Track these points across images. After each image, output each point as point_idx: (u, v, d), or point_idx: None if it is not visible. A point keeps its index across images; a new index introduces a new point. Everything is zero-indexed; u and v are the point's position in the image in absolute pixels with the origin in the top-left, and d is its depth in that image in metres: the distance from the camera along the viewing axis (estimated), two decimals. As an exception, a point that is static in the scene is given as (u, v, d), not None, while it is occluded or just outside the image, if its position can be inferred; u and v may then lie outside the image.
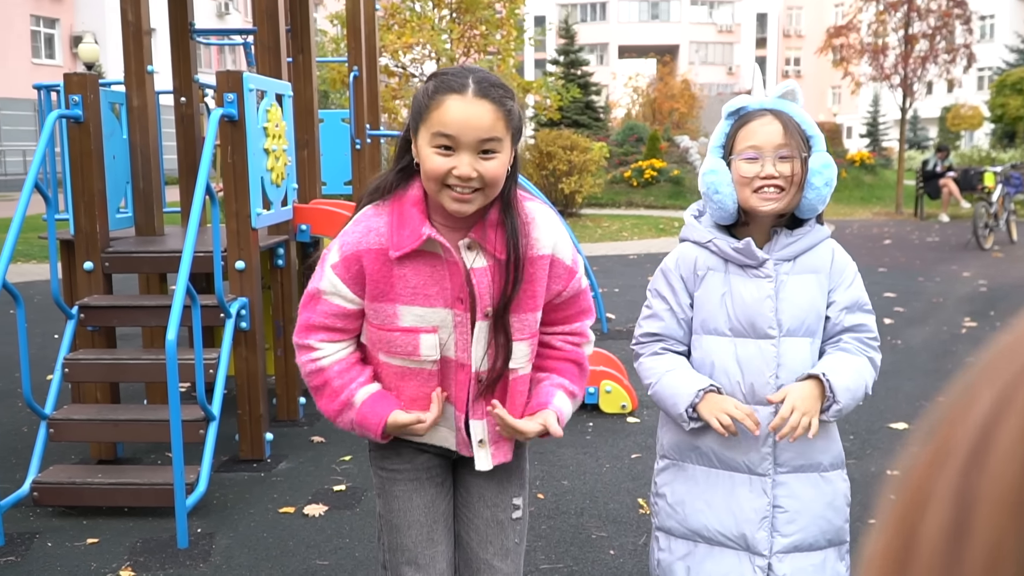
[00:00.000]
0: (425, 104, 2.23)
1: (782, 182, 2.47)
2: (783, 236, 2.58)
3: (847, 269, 2.65)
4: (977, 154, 31.12)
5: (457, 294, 2.32)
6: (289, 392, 6.26)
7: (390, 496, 2.51)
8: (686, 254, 2.66)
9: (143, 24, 5.98)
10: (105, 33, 39.48)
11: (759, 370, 2.55)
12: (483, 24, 22.29)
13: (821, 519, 2.60)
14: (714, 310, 2.59)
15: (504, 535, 2.56)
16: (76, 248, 5.52)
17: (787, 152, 2.48)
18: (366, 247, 2.30)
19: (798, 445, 2.56)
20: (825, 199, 2.55)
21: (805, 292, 2.57)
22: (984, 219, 15.94)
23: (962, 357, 7.94)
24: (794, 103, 2.59)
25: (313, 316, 2.38)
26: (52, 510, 4.82)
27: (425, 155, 2.22)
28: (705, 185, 2.57)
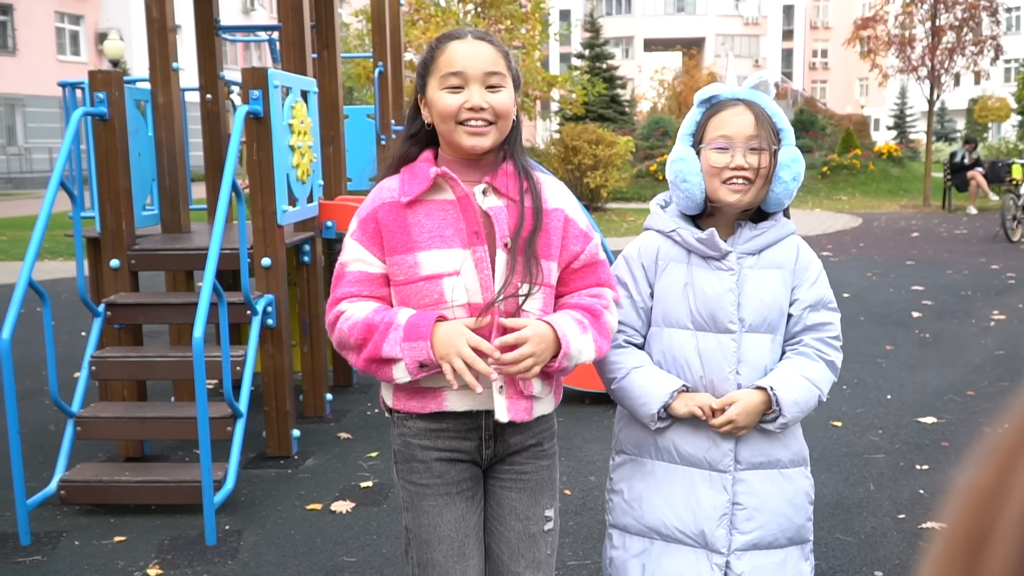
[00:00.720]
0: (430, 57, 2.35)
1: (750, 174, 2.45)
2: (747, 229, 2.54)
3: (812, 266, 2.61)
4: (1004, 146, 30.88)
5: (473, 228, 2.33)
6: (316, 389, 6.25)
7: (419, 511, 2.45)
8: (648, 243, 2.63)
9: (168, 21, 5.98)
10: (130, 30, 39.65)
11: (719, 365, 2.51)
12: (508, 19, 22.28)
13: (781, 516, 2.56)
14: (675, 302, 2.56)
15: (536, 548, 2.52)
16: (102, 245, 5.53)
17: (757, 144, 2.45)
18: (379, 202, 2.37)
19: (759, 442, 2.53)
20: (792, 193, 2.53)
21: (768, 287, 2.53)
22: (1012, 211, 15.81)
23: (991, 351, 7.87)
24: (766, 95, 2.56)
25: (340, 289, 2.40)
26: (79, 508, 4.82)
27: (437, 98, 2.32)
28: (673, 173, 2.55)
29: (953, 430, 5.84)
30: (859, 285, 11.24)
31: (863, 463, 5.28)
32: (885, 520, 4.52)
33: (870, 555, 4.16)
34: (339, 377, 7.10)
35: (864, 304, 10.06)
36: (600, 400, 6.50)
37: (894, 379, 7.02)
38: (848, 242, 16.07)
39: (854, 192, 26.35)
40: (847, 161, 27.65)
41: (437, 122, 2.35)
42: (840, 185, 26.73)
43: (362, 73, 21.33)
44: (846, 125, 32.76)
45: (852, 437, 5.72)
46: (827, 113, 37.63)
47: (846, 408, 6.30)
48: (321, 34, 6.63)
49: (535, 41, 23.23)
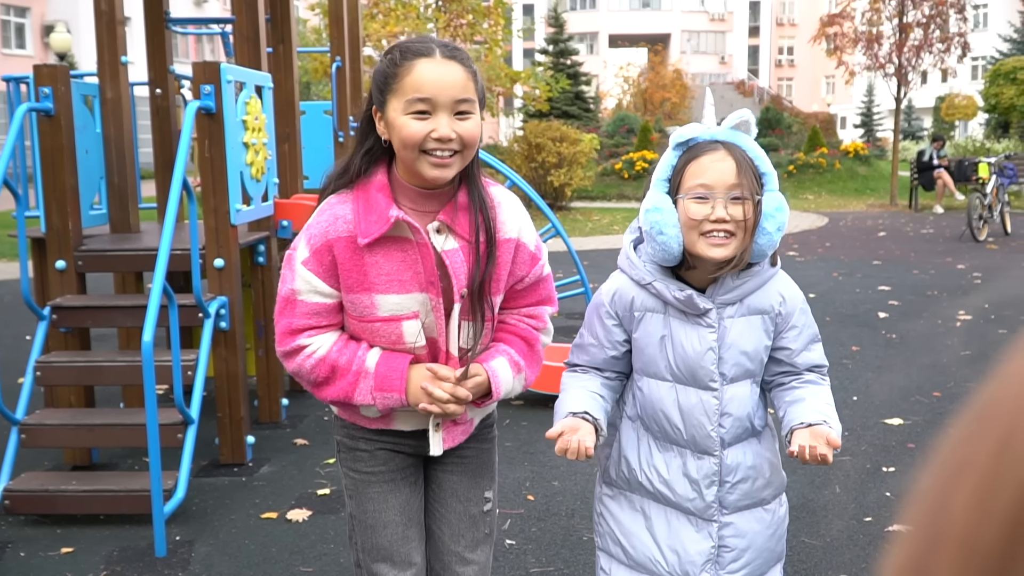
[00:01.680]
0: (393, 73, 2.23)
1: (732, 226, 2.28)
2: (729, 280, 2.40)
3: (796, 309, 2.50)
4: (971, 144, 31.12)
5: (429, 278, 2.29)
6: (271, 393, 6.16)
7: (364, 498, 2.51)
8: (623, 291, 2.49)
9: (117, 13, 5.88)
10: (78, 22, 39.02)
11: (700, 422, 2.43)
12: (470, 13, 22.21)
13: (766, 551, 2.53)
14: (654, 354, 2.45)
15: (476, 528, 2.60)
16: (48, 246, 5.43)
17: (739, 193, 2.29)
18: (335, 235, 2.27)
19: (744, 486, 2.48)
20: (776, 244, 2.38)
21: (749, 337, 2.44)
22: (978, 211, 15.91)
23: (957, 351, 7.87)
24: (747, 135, 2.39)
25: (294, 320, 2.33)
26: (25, 519, 4.74)
27: (400, 124, 2.21)
28: (648, 224, 2.35)
29: (920, 432, 5.81)
30: (825, 285, 11.24)
31: (829, 466, 5.21)
32: (851, 523, 4.52)
33: (836, 558, 4.15)
34: (295, 382, 6.93)
35: (830, 304, 10.05)
36: (564, 403, 6.40)
37: (860, 380, 6.99)
38: (814, 242, 16.12)
39: (820, 191, 26.48)
40: (813, 160, 27.78)
41: (398, 147, 2.25)
42: (806, 184, 26.84)
43: (319, 68, 21.26)
44: (812, 123, 32.95)
45: (819, 440, 5.65)
46: (793, 111, 37.88)
47: (813, 410, 6.24)
48: (276, 28, 6.54)
49: (498, 37, 23.16)
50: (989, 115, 33.85)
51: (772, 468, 2.54)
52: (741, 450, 2.48)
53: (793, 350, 2.48)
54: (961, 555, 0.38)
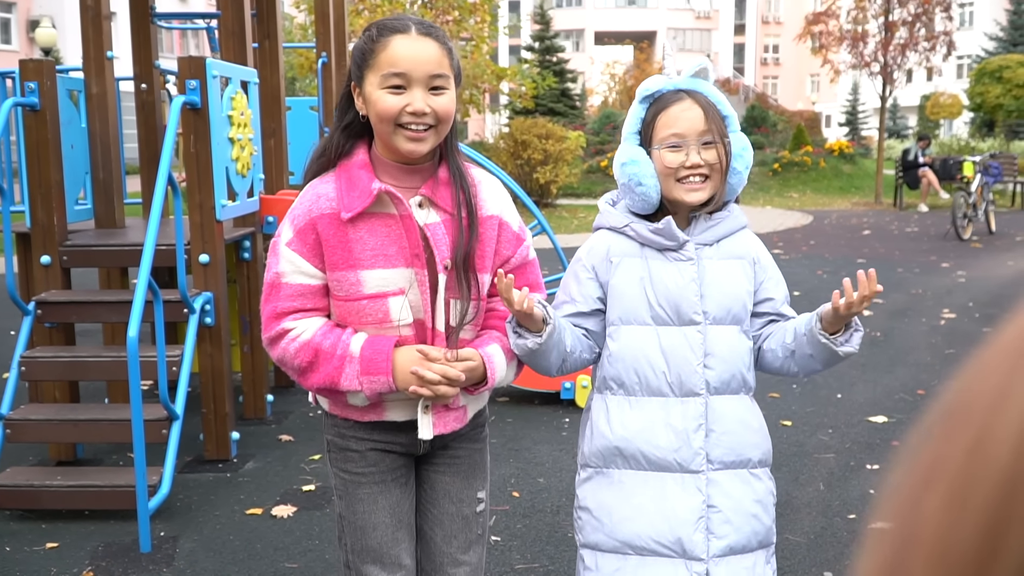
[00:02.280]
0: (370, 49, 2.27)
1: (707, 170, 2.40)
2: (703, 220, 2.48)
3: (769, 260, 2.60)
4: (956, 143, 31.20)
5: (414, 251, 2.30)
6: (256, 389, 6.15)
7: (354, 499, 2.48)
8: (598, 243, 2.56)
9: (102, 8, 5.87)
10: (63, 17, 38.70)
11: (685, 359, 2.43)
12: (456, 9, 22.15)
13: (753, 518, 2.47)
14: (633, 298, 2.46)
15: (469, 529, 2.59)
16: (32, 241, 5.41)
17: (710, 138, 2.40)
18: (318, 213, 2.29)
19: (730, 439, 2.45)
20: (744, 182, 2.51)
21: (730, 278, 2.48)
22: (963, 209, 15.94)
23: (941, 350, 7.90)
24: (706, 81, 2.50)
25: (279, 303, 2.33)
26: (9, 514, 4.72)
27: (376, 98, 2.24)
28: (626, 176, 2.46)
29: (903, 429, 5.83)
30: (810, 283, 11.26)
31: (813, 463, 5.25)
32: (835, 520, 4.52)
33: (820, 555, 4.16)
34: (280, 378, 6.99)
35: (815, 302, 9.85)
36: (550, 401, 6.43)
37: (844, 378, 7.01)
38: (799, 240, 16.15)
39: (805, 189, 26.53)
40: (798, 158, 27.83)
41: (374, 121, 2.29)
42: (791, 182, 26.89)
43: (305, 63, 21.17)
44: (797, 121, 32.99)
45: (802, 436, 5.69)
46: (778, 109, 37.91)
47: (796, 407, 6.27)
48: (262, 23, 6.52)
49: (484, 34, 23.13)
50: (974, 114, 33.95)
51: (759, 429, 2.54)
52: (730, 401, 2.47)
53: (776, 299, 2.55)
54: (935, 557, 0.38)
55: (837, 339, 2.40)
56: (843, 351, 2.41)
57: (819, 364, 2.46)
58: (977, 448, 0.38)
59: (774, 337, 2.52)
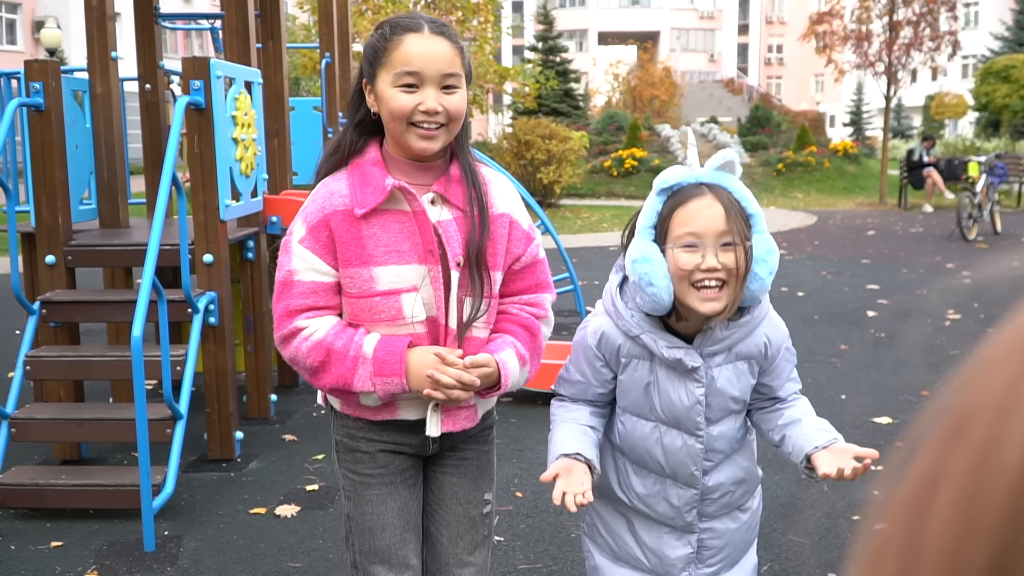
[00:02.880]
0: (383, 47, 2.28)
1: (724, 274, 2.21)
2: (719, 330, 2.33)
3: (780, 350, 2.45)
4: (961, 143, 31.15)
5: (427, 247, 2.30)
6: (260, 389, 6.15)
7: (363, 500, 2.48)
8: (610, 337, 2.42)
9: (107, 9, 5.87)
10: (68, 18, 38.76)
11: (683, 463, 2.43)
12: (459, 10, 22.15)
13: (743, 543, 2.59)
14: (638, 399, 2.42)
15: (475, 530, 2.59)
16: (37, 241, 5.41)
17: (730, 239, 2.21)
18: (331, 209, 2.29)
19: (723, 500, 2.50)
20: (767, 289, 2.30)
21: (736, 382, 2.40)
22: (968, 210, 15.90)
23: (946, 350, 7.89)
24: (732, 175, 2.31)
25: (291, 301, 2.32)
26: (14, 512, 4.72)
27: (389, 96, 2.25)
28: (637, 275, 2.27)
29: (908, 431, 5.80)
30: (814, 284, 11.25)
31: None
32: (839, 522, 4.51)
33: (823, 557, 4.15)
34: (284, 377, 6.99)
35: (819, 303, 10.06)
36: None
37: (849, 379, 7.00)
38: (803, 240, 16.13)
39: (809, 189, 26.51)
40: (802, 158, 27.80)
41: (386, 119, 2.30)
42: (795, 182, 26.87)
43: (308, 64, 21.16)
44: (801, 122, 32.91)
45: (807, 437, 5.66)
46: (782, 109, 37.86)
47: (801, 407, 6.25)
48: (266, 23, 6.51)
49: (487, 34, 23.12)
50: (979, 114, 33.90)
51: (750, 475, 2.55)
52: (723, 471, 2.48)
53: (775, 386, 2.47)
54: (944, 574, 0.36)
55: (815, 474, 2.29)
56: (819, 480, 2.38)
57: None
58: (985, 456, 0.36)
59: (765, 418, 2.50)
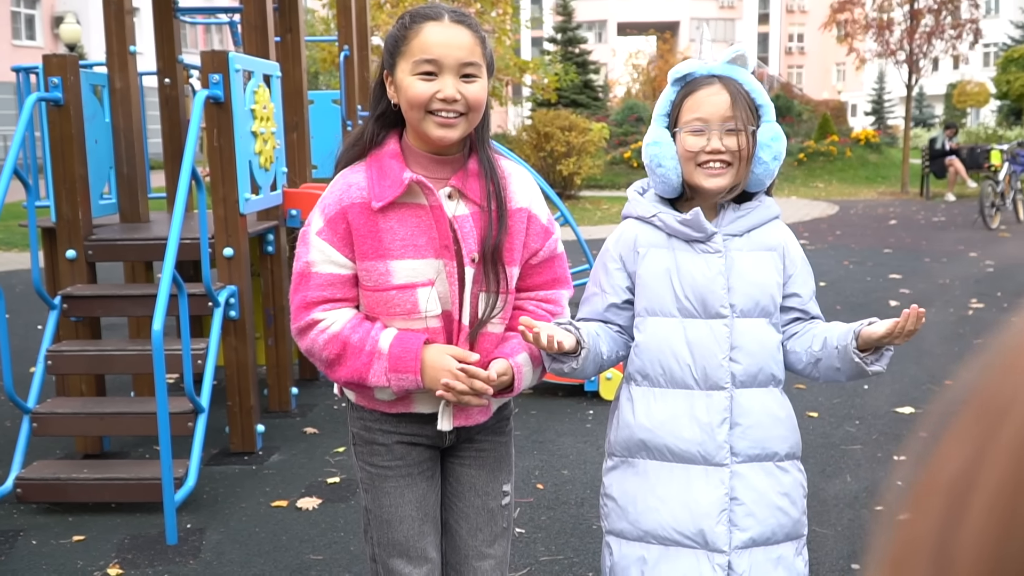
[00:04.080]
0: (402, 36, 2.27)
1: (728, 156, 2.36)
2: (731, 210, 2.45)
3: (799, 254, 2.54)
4: (983, 131, 30.95)
5: (443, 242, 2.30)
6: (281, 382, 6.15)
7: (380, 492, 2.47)
8: (626, 232, 2.54)
9: (125, 3, 5.87)
10: (87, 13, 38.79)
11: (711, 352, 2.40)
12: (478, 2, 22.10)
13: (778, 511, 2.44)
14: (659, 289, 2.45)
15: (494, 522, 2.58)
16: (58, 236, 5.42)
17: (733, 125, 2.36)
18: (349, 202, 2.28)
19: (756, 432, 2.42)
20: (773, 173, 2.44)
21: (759, 270, 2.44)
22: (991, 198, 15.80)
23: (969, 339, 7.83)
24: (743, 69, 2.45)
25: (308, 292, 2.31)
26: (36, 507, 4.74)
27: (407, 84, 2.24)
28: (648, 157, 2.46)
29: (927, 418, 5.76)
30: (836, 274, 11.20)
31: (840, 454, 5.22)
32: (863, 512, 4.49)
33: (847, 548, 4.13)
34: (305, 370, 7.00)
35: (841, 293, 10.01)
36: (574, 392, 6.42)
37: (871, 368, 6.94)
38: (825, 230, 16.06)
39: (831, 179, 26.38)
40: (824, 147, 27.68)
41: (405, 108, 2.28)
42: (817, 172, 26.75)
43: (327, 57, 21.17)
44: (823, 111, 32.76)
45: (829, 428, 5.65)
46: (803, 99, 37.65)
47: (822, 398, 6.23)
48: (284, 17, 6.50)
49: (506, 26, 23.08)
50: (1001, 102, 33.65)
51: (788, 423, 2.49)
52: (756, 394, 2.43)
53: (803, 296, 2.50)
54: None
55: (868, 358, 2.34)
56: (872, 370, 2.36)
57: (843, 377, 2.42)
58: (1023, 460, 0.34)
59: (800, 339, 2.48)
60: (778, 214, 2.53)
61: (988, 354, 0.38)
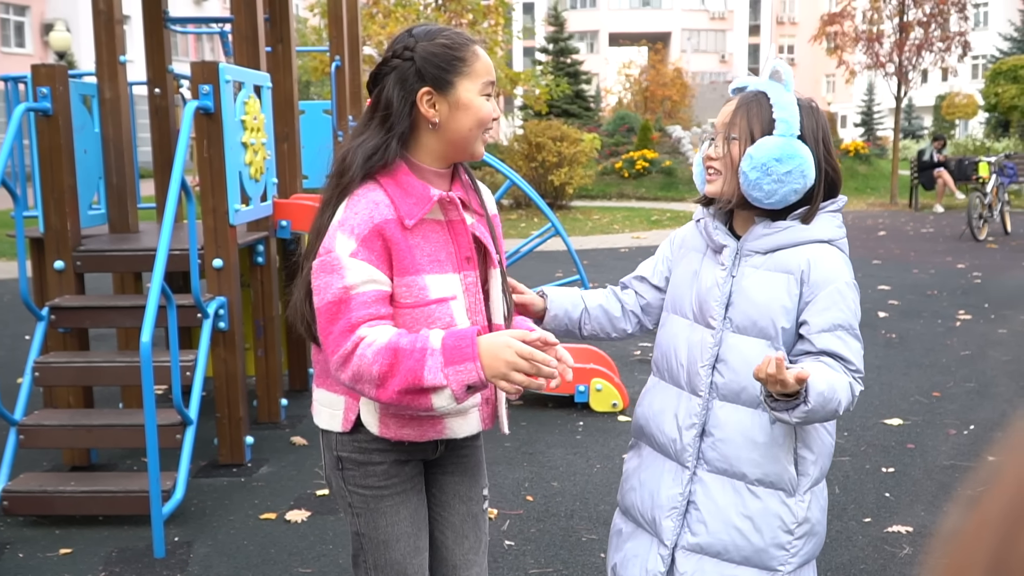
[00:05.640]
0: (460, 57, 2.30)
1: (719, 164, 2.41)
2: (761, 226, 2.43)
3: (828, 284, 2.37)
4: (972, 143, 31.03)
5: (465, 253, 2.34)
6: (270, 394, 6.13)
7: (376, 513, 2.42)
8: (683, 230, 2.68)
9: (115, 12, 5.86)
10: (77, 21, 38.54)
11: (696, 358, 2.46)
12: (470, 12, 22.14)
13: (735, 531, 2.40)
14: (682, 290, 2.56)
15: (478, 528, 2.60)
16: (46, 246, 5.40)
17: (734, 133, 2.39)
18: (382, 219, 2.22)
19: (725, 447, 2.41)
20: (759, 186, 2.32)
21: (764, 290, 2.38)
22: (979, 210, 15.86)
23: (957, 351, 7.85)
24: (777, 83, 2.45)
25: (352, 315, 2.17)
26: (23, 520, 4.72)
27: (479, 104, 2.30)
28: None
29: (919, 432, 5.79)
30: (825, 283, 11.18)
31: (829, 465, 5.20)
32: (851, 524, 4.51)
33: (835, 559, 4.13)
34: (294, 382, 6.98)
35: (830, 302, 9.99)
36: (564, 404, 6.41)
37: (860, 380, 6.94)
38: (814, 239, 16.04)
39: (820, 189, 26.36)
40: (813, 158, 27.65)
41: (465, 125, 2.29)
42: (806, 182, 26.73)
43: (318, 67, 21.18)
44: (812, 122, 32.74)
45: (819, 440, 5.63)
46: (793, 110, 37.65)
47: (813, 410, 6.21)
48: (275, 27, 6.49)
49: (498, 37, 23.11)
50: (989, 114, 33.78)
51: (765, 450, 2.40)
52: (736, 411, 2.40)
53: (812, 324, 2.36)
54: None
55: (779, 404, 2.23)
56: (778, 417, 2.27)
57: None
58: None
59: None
60: (812, 239, 2.41)
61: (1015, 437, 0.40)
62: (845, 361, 2.36)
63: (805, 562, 2.49)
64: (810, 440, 2.44)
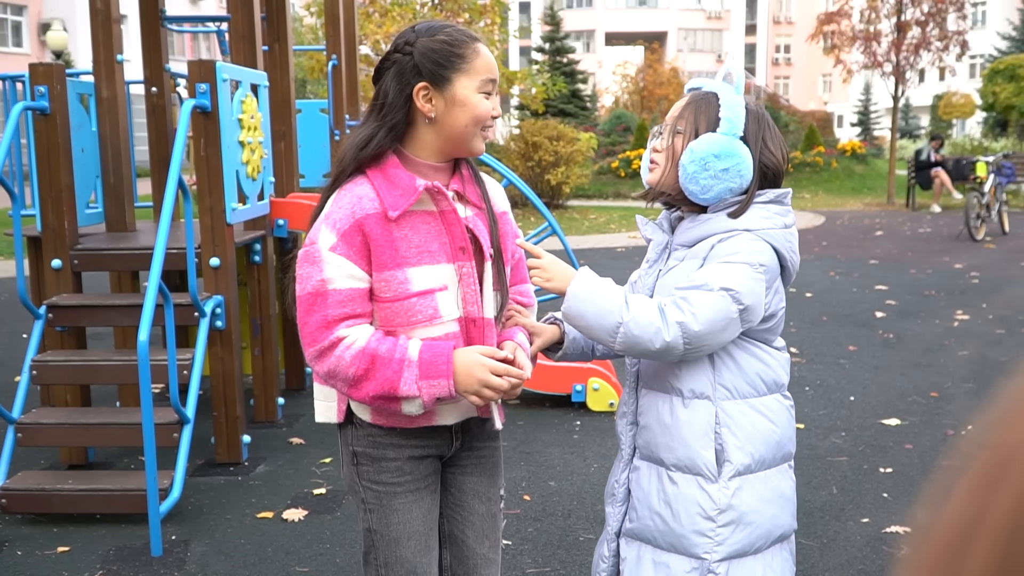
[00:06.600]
0: (459, 54, 2.31)
1: (658, 156, 2.47)
2: (687, 221, 2.49)
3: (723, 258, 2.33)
4: (969, 143, 31.05)
5: (459, 244, 2.35)
6: (267, 392, 6.13)
7: (389, 510, 2.43)
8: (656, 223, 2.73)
9: (112, 11, 5.85)
10: (75, 20, 38.46)
11: None
12: (466, 11, 22.12)
13: (656, 516, 2.43)
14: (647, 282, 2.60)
15: (496, 527, 2.62)
16: (43, 245, 5.40)
17: (675, 126, 2.44)
18: (363, 214, 2.26)
19: (646, 434, 2.48)
20: (696, 180, 2.35)
21: (674, 280, 2.41)
22: (976, 210, 15.86)
23: (955, 351, 7.85)
24: (728, 85, 2.48)
25: (328, 311, 2.24)
26: (21, 518, 4.72)
27: (475, 101, 2.31)
28: None
29: (917, 432, 5.79)
30: (822, 285, 11.22)
31: (826, 466, 5.22)
32: (848, 524, 4.49)
33: (833, 560, 4.14)
34: (291, 380, 6.98)
35: (827, 304, 10.03)
36: (561, 404, 6.41)
37: (857, 380, 6.97)
38: (811, 241, 16.07)
39: (817, 190, 26.43)
40: (810, 158, 27.73)
41: (462, 121, 2.32)
42: (803, 183, 26.79)
43: (315, 66, 21.16)
44: (809, 122, 32.81)
45: (815, 439, 5.65)
46: (790, 109, 37.73)
47: (808, 410, 6.24)
48: (272, 26, 6.50)
49: (494, 36, 23.09)
50: (987, 114, 33.80)
51: (676, 434, 2.41)
52: (655, 398, 2.46)
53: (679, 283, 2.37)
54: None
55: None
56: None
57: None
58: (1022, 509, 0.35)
59: None
60: (726, 231, 2.38)
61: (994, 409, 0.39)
62: (687, 292, 2.31)
63: (738, 553, 2.39)
64: (735, 425, 2.39)
